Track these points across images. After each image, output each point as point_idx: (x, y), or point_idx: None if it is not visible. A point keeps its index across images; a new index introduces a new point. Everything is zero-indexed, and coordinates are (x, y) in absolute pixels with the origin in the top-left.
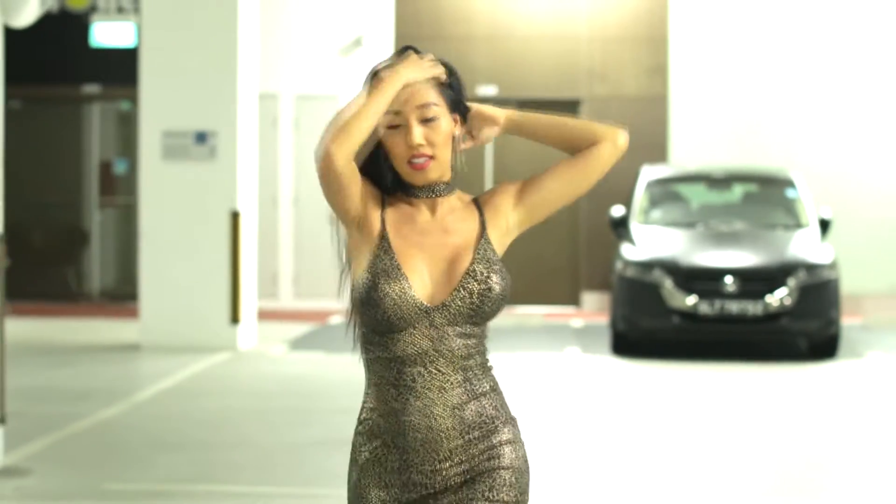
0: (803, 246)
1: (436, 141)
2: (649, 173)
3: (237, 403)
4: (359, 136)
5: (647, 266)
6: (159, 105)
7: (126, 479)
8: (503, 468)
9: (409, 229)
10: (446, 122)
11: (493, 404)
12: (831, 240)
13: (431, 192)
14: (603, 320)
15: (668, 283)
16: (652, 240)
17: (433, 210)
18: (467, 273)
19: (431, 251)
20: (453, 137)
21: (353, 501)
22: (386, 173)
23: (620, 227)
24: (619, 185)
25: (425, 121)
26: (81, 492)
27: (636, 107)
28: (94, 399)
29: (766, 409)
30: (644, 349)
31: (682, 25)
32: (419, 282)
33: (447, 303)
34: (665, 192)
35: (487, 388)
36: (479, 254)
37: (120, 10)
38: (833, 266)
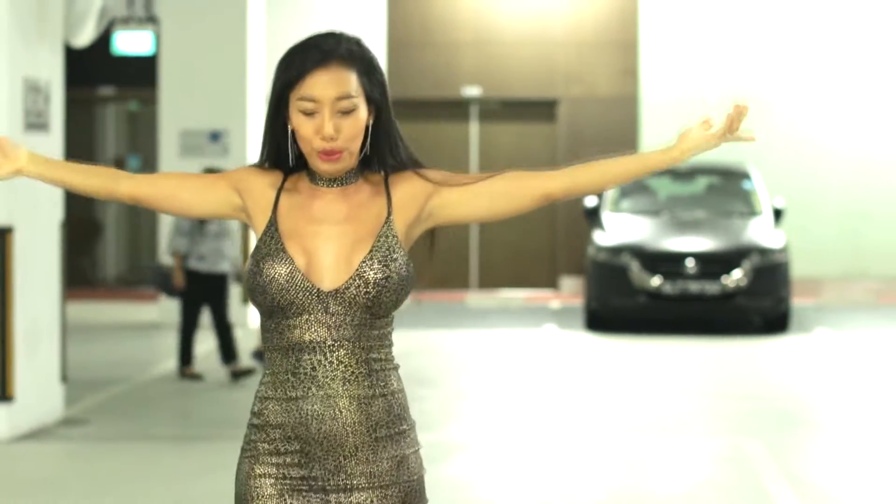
0: (757, 232)
1: (350, 133)
2: None
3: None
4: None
5: (617, 251)
6: (177, 107)
7: (170, 426)
8: (412, 480)
9: (304, 215)
10: (363, 113)
11: (401, 405)
12: (793, 229)
13: (334, 181)
14: (580, 302)
15: (634, 266)
16: (621, 227)
17: (334, 196)
18: (364, 261)
19: (327, 237)
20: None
21: (242, 494)
22: (291, 153)
23: (593, 216)
24: None
25: (342, 112)
26: (134, 436)
27: (609, 106)
28: (130, 366)
29: (724, 376)
30: (614, 325)
31: (651, 30)
32: (308, 265)
33: (341, 290)
34: (634, 183)
35: (395, 387)
36: (379, 241)
37: (137, 20)
38: (784, 250)
